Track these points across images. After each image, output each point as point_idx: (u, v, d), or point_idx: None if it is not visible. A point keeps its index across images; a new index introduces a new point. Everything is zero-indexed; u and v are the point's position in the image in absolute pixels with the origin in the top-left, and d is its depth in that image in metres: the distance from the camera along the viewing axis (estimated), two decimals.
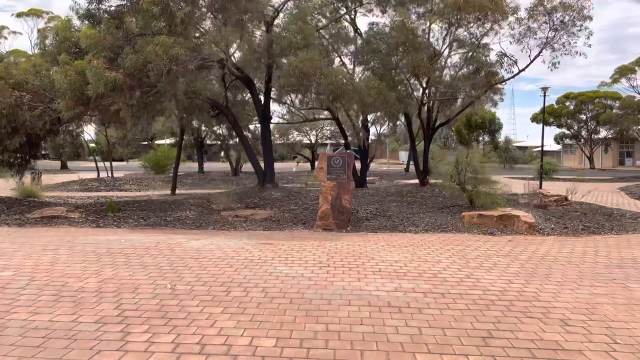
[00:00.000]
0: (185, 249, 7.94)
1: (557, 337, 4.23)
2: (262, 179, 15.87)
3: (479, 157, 11.68)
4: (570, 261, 7.46)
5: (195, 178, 28.24)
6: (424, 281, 6.03)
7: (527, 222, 10.25)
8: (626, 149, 59.11)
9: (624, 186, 24.35)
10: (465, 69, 15.13)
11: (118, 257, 7.20)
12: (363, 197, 15.00)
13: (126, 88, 11.69)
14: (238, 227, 10.81)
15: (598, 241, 9.42)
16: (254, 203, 13.86)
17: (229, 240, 8.91)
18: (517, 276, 6.40)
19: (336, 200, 10.88)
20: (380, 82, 12.88)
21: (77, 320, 4.42)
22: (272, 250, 7.92)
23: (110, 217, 11.88)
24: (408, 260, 7.24)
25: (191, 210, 12.86)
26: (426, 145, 17.42)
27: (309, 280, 5.99)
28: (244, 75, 15.08)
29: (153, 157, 31.64)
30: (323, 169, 11.06)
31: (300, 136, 39.96)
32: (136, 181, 25.56)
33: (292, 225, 11.05)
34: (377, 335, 4.16)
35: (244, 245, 8.28)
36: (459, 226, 10.58)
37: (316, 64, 11.48)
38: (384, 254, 7.68)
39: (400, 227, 10.55)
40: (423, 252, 7.90)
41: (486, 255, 7.82)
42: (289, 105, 20.84)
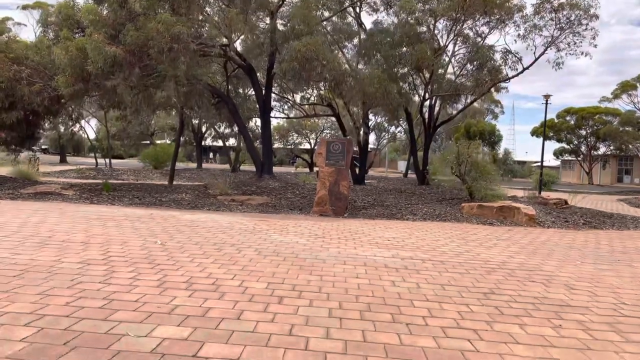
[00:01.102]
0: (178, 219, 7.75)
1: (562, 297, 4.05)
2: (260, 169, 15.69)
3: (480, 150, 11.52)
4: (572, 247, 7.28)
5: (194, 173, 28.00)
6: (422, 252, 5.84)
7: (527, 214, 10.07)
8: (625, 166, 59.08)
9: (624, 198, 24.27)
10: (469, 65, 15.03)
11: (109, 222, 7.00)
12: (361, 191, 14.83)
13: (126, 64, 11.55)
14: (234, 209, 10.61)
15: (600, 234, 9.24)
16: (250, 190, 13.67)
17: (223, 216, 8.73)
18: (517, 254, 6.22)
19: (334, 186, 10.70)
20: (382, 74, 12.76)
21: (60, 261, 4.23)
22: (267, 224, 7.73)
23: (105, 196, 11.67)
24: (406, 237, 7.06)
25: (187, 193, 12.66)
26: (427, 143, 17.28)
27: (304, 246, 5.80)
28: (246, 63, 14.95)
29: (152, 152, 31.53)
30: (322, 155, 10.89)
31: (300, 138, 39.77)
32: (134, 172, 25.32)
33: (289, 210, 10.85)
34: (373, 287, 3.98)
35: (239, 220, 8.09)
36: (458, 216, 10.40)
37: (319, 49, 11.36)
38: (381, 233, 7.50)
39: (398, 215, 10.36)
40: (421, 233, 7.71)
41: (486, 239, 7.64)
42: (290, 101, 20.76)
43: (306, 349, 2.60)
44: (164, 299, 3.33)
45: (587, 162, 52.81)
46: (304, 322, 3.02)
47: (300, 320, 3.05)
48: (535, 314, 3.49)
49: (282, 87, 19.69)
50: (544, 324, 3.28)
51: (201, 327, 2.84)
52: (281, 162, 60.13)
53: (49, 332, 2.65)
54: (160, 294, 3.42)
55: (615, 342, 3.03)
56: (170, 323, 2.88)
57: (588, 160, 52.85)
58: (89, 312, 3.00)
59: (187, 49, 11.53)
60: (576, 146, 54.11)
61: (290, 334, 2.82)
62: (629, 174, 58.08)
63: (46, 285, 3.48)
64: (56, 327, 2.73)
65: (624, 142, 40.00)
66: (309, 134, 39.40)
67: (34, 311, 2.97)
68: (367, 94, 12.50)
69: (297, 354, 2.53)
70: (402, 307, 3.47)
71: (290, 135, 39.33)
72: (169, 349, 2.51)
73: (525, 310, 3.56)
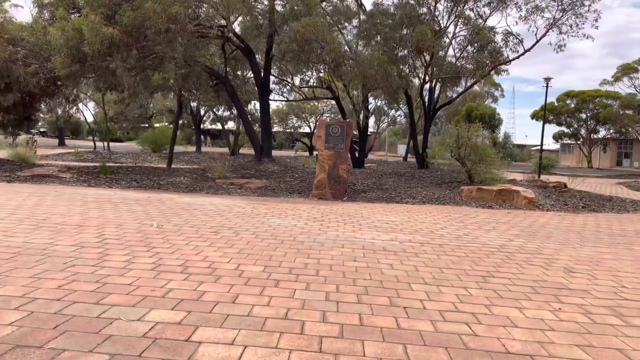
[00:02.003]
0: (176, 202, 7.69)
1: (562, 280, 4.01)
2: (259, 152, 15.60)
3: (480, 133, 11.43)
4: (572, 229, 7.24)
5: (193, 156, 27.88)
6: (421, 235, 5.80)
7: (527, 197, 10.02)
8: (624, 150, 58.95)
9: (623, 181, 24.23)
10: (469, 47, 14.83)
11: (106, 204, 6.94)
12: (360, 174, 14.76)
13: (123, 45, 11.39)
14: (232, 193, 10.56)
15: (599, 217, 9.20)
16: (249, 174, 13.61)
17: (222, 199, 8.67)
18: (517, 237, 6.17)
19: (333, 169, 10.64)
20: (382, 55, 12.59)
21: (53, 244, 4.18)
22: (265, 207, 7.68)
23: (103, 179, 11.61)
24: (405, 220, 7.01)
25: (185, 176, 12.60)
26: (427, 126, 17.15)
27: (302, 229, 5.75)
28: (244, 44, 14.76)
29: (151, 135, 31.36)
30: (321, 137, 10.80)
31: (300, 122, 39.52)
32: (132, 155, 25.24)
33: (288, 194, 10.80)
34: (371, 270, 3.93)
35: (238, 203, 8.04)
36: (457, 199, 10.35)
37: (318, 30, 11.19)
38: (380, 216, 7.45)
39: (397, 199, 10.31)
40: (420, 216, 7.67)
41: (485, 222, 7.60)
42: (289, 83, 20.56)
43: (302, 333, 2.56)
44: (158, 282, 3.28)
45: (587, 145, 52.66)
46: (300, 306, 2.98)
47: (297, 304, 3.01)
48: (534, 297, 3.45)
49: (281, 70, 19.50)
50: (543, 307, 3.23)
51: (195, 311, 2.79)
52: (281, 145, 59.92)
53: (39, 315, 2.60)
54: (155, 278, 3.37)
55: (615, 325, 2.99)
56: (163, 307, 2.84)
57: (588, 144, 52.68)
58: (81, 295, 2.95)
59: (184, 29, 11.36)
60: (576, 130, 53.89)
61: (286, 317, 2.78)
62: (628, 157, 57.95)
63: (39, 268, 3.43)
64: (47, 310, 2.68)
65: (624, 126, 39.76)
66: (309, 118, 39.17)
67: (24, 294, 2.92)
68: (367, 76, 12.35)
69: (293, 338, 2.49)
70: (400, 290, 3.42)
71: (289, 119, 39.11)
72: (162, 333, 2.47)
73: (524, 294, 3.52)
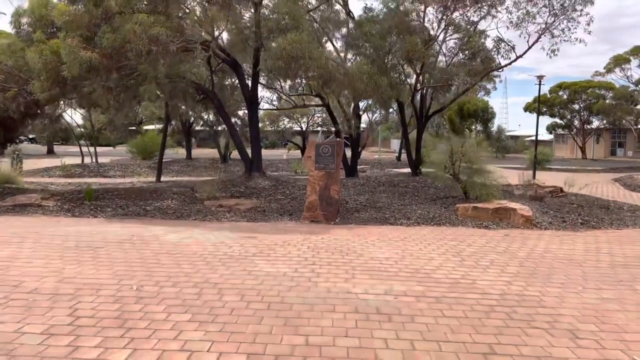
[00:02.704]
0: (161, 243, 7.39)
1: (568, 353, 3.75)
2: (249, 167, 15.29)
3: (474, 147, 11.16)
4: (572, 259, 7.00)
5: (183, 164, 27.60)
6: (417, 282, 5.53)
7: (523, 216, 9.79)
8: (618, 139, 59.09)
9: (618, 177, 24.09)
10: (460, 54, 14.56)
11: (85, 252, 6.63)
12: (353, 187, 14.49)
13: (102, 69, 11.04)
14: (221, 217, 10.27)
15: (598, 236, 8.98)
16: (239, 192, 13.30)
17: (209, 232, 8.37)
18: (516, 276, 5.92)
19: (324, 190, 10.36)
20: (372, 66, 12.29)
21: (20, 331, 3.87)
22: (253, 244, 7.39)
23: (87, 206, 11.29)
24: (399, 258, 6.74)
25: (173, 199, 12.28)
26: (419, 134, 16.88)
27: (291, 280, 5.47)
28: (230, 58, 14.42)
29: (140, 142, 30.94)
30: (311, 158, 10.52)
31: (291, 123, 39.16)
32: (121, 167, 24.89)
33: (278, 216, 10.52)
34: (363, 351, 3.66)
35: (225, 239, 7.74)
36: (453, 219, 10.10)
37: (305, 47, 10.86)
38: (374, 250, 7.18)
39: (391, 220, 10.05)
40: (415, 248, 7.40)
41: (482, 252, 7.34)
42: (278, 91, 20.23)
43: None
44: None
45: (581, 136, 52.65)
46: None
47: None
48: None
49: (269, 78, 19.16)
50: None
51: None
52: (273, 145, 59.53)
53: None
54: None
55: None
56: None
57: (581, 135, 52.68)
58: None
59: (166, 50, 11.01)
60: (569, 121, 53.88)
61: None
62: (622, 146, 58.11)
63: None
64: None
65: (618, 118, 39.67)
66: (300, 119, 38.82)
67: None
68: (356, 89, 12.06)
69: None
70: None
71: (281, 120, 38.75)
72: None
73: None
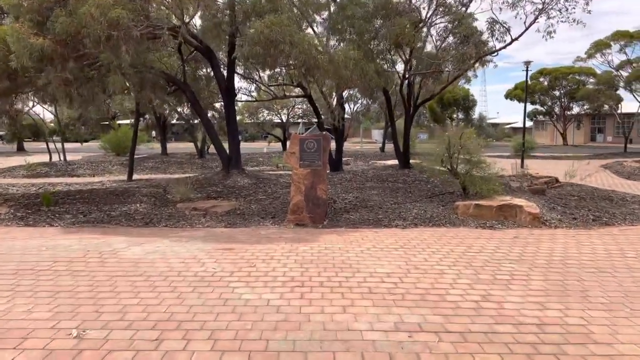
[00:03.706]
0: (120, 261, 6.24)
1: None
2: (227, 163, 14.13)
3: (473, 137, 10.17)
4: (600, 267, 6.07)
5: (158, 161, 26.15)
6: (431, 309, 4.52)
7: (531, 213, 8.86)
8: (597, 125, 59.33)
9: (605, 164, 23.58)
10: (452, 37, 13.55)
11: (24, 278, 5.46)
12: (340, 184, 13.44)
13: (57, 58, 9.76)
14: (195, 223, 9.14)
15: (616, 235, 8.10)
16: (216, 192, 12.15)
17: (180, 244, 7.24)
18: (547, 296, 4.95)
19: (310, 190, 9.30)
20: (358, 51, 11.20)
21: None
22: (231, 260, 6.29)
23: (44, 213, 10.04)
24: (403, 273, 5.72)
25: (142, 202, 11.08)
26: (407, 125, 15.86)
27: (277, 312, 4.41)
28: (203, 45, 13.17)
29: (113, 137, 29.53)
30: (295, 154, 9.42)
31: (271, 115, 37.90)
32: (91, 165, 23.42)
33: (260, 219, 9.43)
34: None
35: (198, 253, 6.63)
36: (453, 219, 9.12)
37: (285, 31, 9.71)
38: (371, 263, 6.15)
39: (385, 221, 9.03)
40: (419, 259, 6.39)
41: (495, 260, 6.37)
42: (257, 82, 19.01)
43: None
44: None
45: (562, 122, 52.49)
46: None
47: None
48: None
49: (247, 67, 17.94)
50: None
51: None
52: (253, 137, 58.04)
53: None
54: None
55: None
56: None
57: (562, 121, 52.52)
58: None
59: (129, 36, 9.75)
60: (550, 107, 53.70)
61: None
62: (602, 132, 58.32)
63: None
64: None
65: (602, 104, 39.35)
66: (280, 110, 37.57)
67: None
68: (342, 77, 10.96)
69: None
70: None
71: (260, 113, 37.44)
72: None
73: None
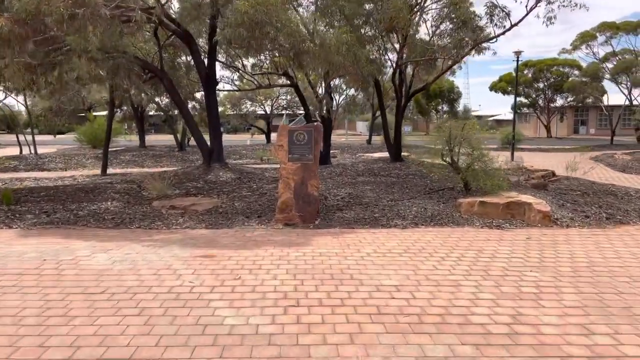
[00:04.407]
0: (80, 272, 5.32)
1: None
2: (208, 157, 13.18)
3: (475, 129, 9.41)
4: (633, 275, 5.35)
5: (135, 154, 24.98)
6: (457, 337, 3.71)
7: (541, 211, 8.12)
8: (581, 117, 59.44)
9: (595, 156, 23.13)
10: (448, 22, 12.73)
11: None
12: (330, 178, 12.60)
13: (15, 39, 8.71)
14: (172, 224, 8.22)
15: (634, 235, 7.41)
16: (196, 188, 11.22)
17: (153, 250, 6.33)
18: (586, 315, 4.18)
19: (301, 187, 8.44)
20: (351, 35, 10.33)
21: None
22: (212, 270, 5.41)
23: (4, 212, 9.02)
24: (414, 287, 4.91)
25: (114, 200, 10.11)
26: (399, 116, 15.04)
27: (269, 344, 3.56)
28: (181, 29, 12.18)
29: (89, 129, 28.25)
30: (283, 147, 8.54)
31: (254, 106, 36.82)
32: (64, 158, 22.19)
33: (244, 219, 8.54)
34: None
35: (173, 262, 5.73)
36: (456, 217, 8.35)
37: (271, 10, 8.81)
38: (375, 273, 5.33)
39: (383, 221, 8.22)
40: (428, 266, 5.59)
41: (514, 268, 5.60)
42: (240, 70, 18.01)
43: None
44: None
45: (546, 114, 52.33)
46: None
47: None
48: None
49: (229, 55, 16.95)
50: None
51: None
52: (235, 129, 56.77)
53: None
54: None
55: None
56: None
57: (546, 113, 52.36)
58: None
59: (96, 14, 8.74)
60: (534, 99, 53.52)
61: None
62: (584, 124, 58.39)
63: None
64: None
65: (588, 96, 39.10)
66: (264, 101, 36.49)
67: None
68: (333, 63, 10.09)
69: None
70: None
71: (243, 104, 36.34)
72: None
73: None
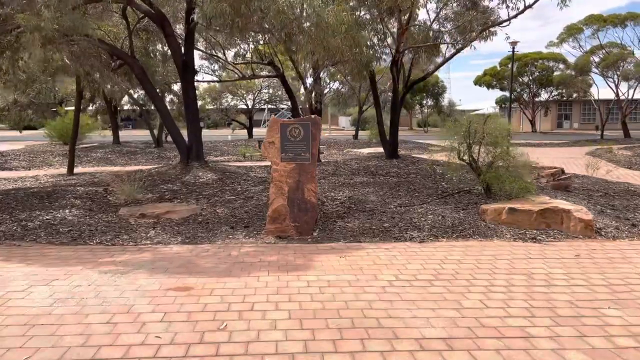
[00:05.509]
0: (6, 317, 3.85)
1: None
2: (187, 154, 11.69)
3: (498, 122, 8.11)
4: None
5: (108, 150, 23.24)
6: None
7: (582, 220, 6.85)
8: (564, 112, 59.32)
9: (590, 151, 22.27)
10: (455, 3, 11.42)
11: None
12: (324, 178, 11.20)
13: None
14: (141, 237, 6.77)
15: None
16: (172, 191, 9.73)
17: (111, 281, 4.86)
18: None
19: (296, 191, 7.06)
20: (350, 15, 8.93)
21: None
22: (188, 314, 3.98)
23: None
24: (470, 340, 3.54)
25: (74, 207, 8.56)
26: (397, 109, 13.68)
27: None
28: (154, 9, 10.66)
29: (60, 124, 26.49)
30: (275, 144, 7.15)
31: (236, 100, 35.16)
32: (29, 156, 20.43)
33: (229, 230, 7.13)
34: None
35: (136, 298, 4.29)
36: (481, 227, 7.04)
37: None
38: (409, 316, 3.96)
39: (395, 232, 6.88)
40: (473, 302, 4.25)
41: (587, 302, 4.29)
42: (221, 59, 16.50)
43: None
44: None
45: (531, 109, 51.78)
46: None
47: None
48: None
49: (209, 42, 15.45)
50: None
51: None
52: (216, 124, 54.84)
53: None
54: None
55: None
56: None
57: (531, 108, 51.81)
58: None
59: None
60: (519, 94, 53.00)
61: None
62: (568, 119, 58.17)
63: None
64: None
65: (577, 90, 38.45)
66: (245, 95, 34.84)
67: None
68: (330, 47, 8.68)
69: None
70: None
71: (224, 97, 34.66)
72: None
73: None
